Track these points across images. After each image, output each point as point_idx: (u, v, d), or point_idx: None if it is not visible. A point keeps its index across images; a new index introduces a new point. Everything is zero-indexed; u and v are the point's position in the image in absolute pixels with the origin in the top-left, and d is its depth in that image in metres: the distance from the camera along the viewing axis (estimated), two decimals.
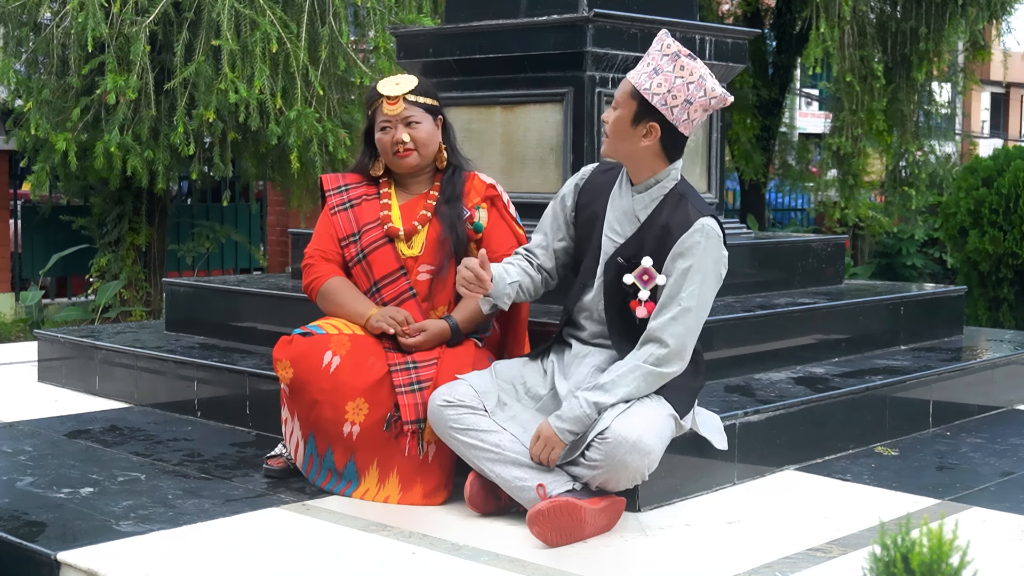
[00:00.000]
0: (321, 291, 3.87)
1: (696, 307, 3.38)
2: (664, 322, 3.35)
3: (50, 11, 8.11)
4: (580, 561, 3.12)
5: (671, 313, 3.36)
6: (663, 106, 3.38)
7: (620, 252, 3.49)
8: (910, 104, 11.79)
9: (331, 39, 8.04)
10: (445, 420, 3.47)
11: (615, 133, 3.44)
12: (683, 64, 3.38)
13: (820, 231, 15.52)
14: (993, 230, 7.97)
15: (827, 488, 3.85)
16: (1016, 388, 5.15)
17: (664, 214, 3.45)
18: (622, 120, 3.42)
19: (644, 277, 3.44)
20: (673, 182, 3.49)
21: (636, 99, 3.40)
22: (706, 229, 3.38)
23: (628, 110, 3.41)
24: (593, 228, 3.57)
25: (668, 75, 3.38)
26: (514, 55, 4.83)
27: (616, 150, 3.47)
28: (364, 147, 3.98)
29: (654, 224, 3.45)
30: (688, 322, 3.36)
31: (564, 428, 3.33)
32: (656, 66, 3.39)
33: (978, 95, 29.81)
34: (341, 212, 3.92)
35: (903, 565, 2.15)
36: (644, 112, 3.39)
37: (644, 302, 3.43)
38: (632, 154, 3.45)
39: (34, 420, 4.71)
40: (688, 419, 3.51)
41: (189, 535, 3.28)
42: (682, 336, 3.36)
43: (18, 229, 11.54)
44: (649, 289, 3.43)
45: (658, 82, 3.38)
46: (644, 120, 3.40)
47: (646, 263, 3.43)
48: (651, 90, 3.38)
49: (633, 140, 3.42)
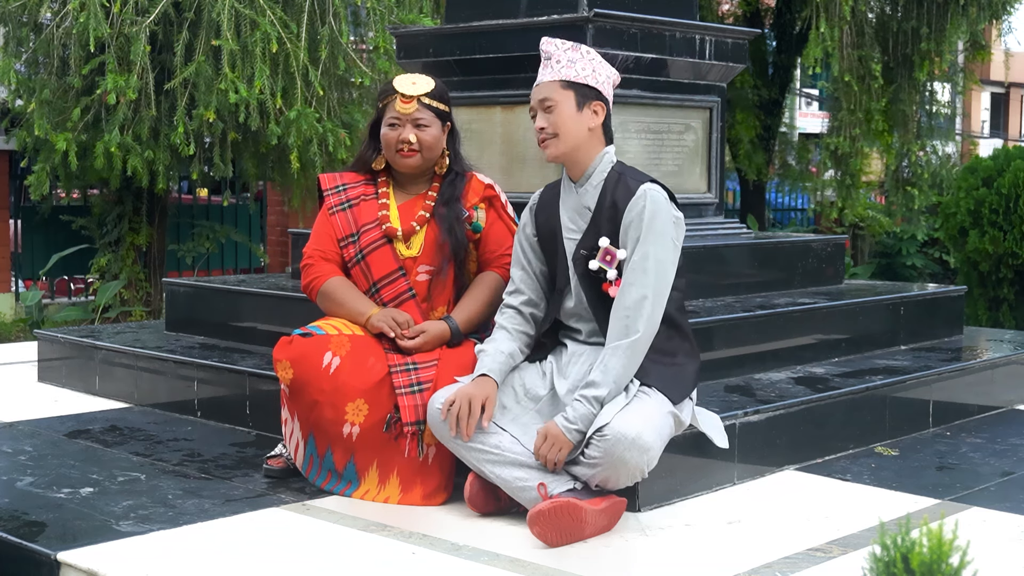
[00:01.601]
0: (321, 291, 3.86)
1: (654, 268, 3.41)
2: (624, 291, 3.42)
3: (50, 11, 8.11)
4: (580, 561, 3.12)
5: (629, 280, 3.42)
6: (597, 83, 3.55)
7: (581, 245, 3.55)
8: (912, 104, 11.79)
9: (331, 39, 8.04)
10: (443, 424, 3.47)
11: (565, 126, 3.52)
12: (586, 50, 3.60)
13: (820, 231, 15.52)
14: (993, 230, 7.97)
15: (827, 488, 3.85)
16: (1016, 388, 5.15)
17: (608, 195, 3.53)
18: (566, 112, 3.52)
19: (607, 257, 3.49)
20: (610, 164, 3.59)
21: (571, 88, 3.53)
22: (649, 193, 3.46)
23: (568, 101, 3.53)
24: (556, 239, 3.63)
25: (582, 60, 3.56)
26: (514, 55, 4.83)
27: (566, 144, 3.54)
28: (368, 140, 3.97)
29: (603, 207, 3.52)
30: (647, 283, 3.40)
31: (572, 428, 3.33)
32: (568, 59, 3.55)
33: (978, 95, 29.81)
34: (340, 212, 3.91)
35: (903, 565, 2.15)
36: (583, 96, 3.53)
37: (614, 281, 3.47)
38: (579, 144, 3.54)
39: (34, 420, 4.71)
40: (687, 412, 3.52)
41: (189, 535, 3.28)
42: (643, 301, 3.39)
43: (18, 229, 11.54)
44: (615, 267, 3.48)
45: (580, 67, 3.54)
46: (587, 102, 3.53)
47: (603, 243, 3.49)
48: (580, 75, 3.53)
49: (581, 125, 3.53)
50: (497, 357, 3.54)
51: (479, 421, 3.42)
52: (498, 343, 3.59)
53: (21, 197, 11.49)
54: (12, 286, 11.50)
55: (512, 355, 3.59)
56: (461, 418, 3.41)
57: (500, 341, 3.60)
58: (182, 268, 11.33)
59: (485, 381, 3.48)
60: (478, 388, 3.45)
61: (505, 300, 3.72)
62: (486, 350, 3.57)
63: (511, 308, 3.69)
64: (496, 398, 3.48)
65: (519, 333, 3.64)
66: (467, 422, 3.41)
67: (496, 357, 3.54)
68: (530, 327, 3.68)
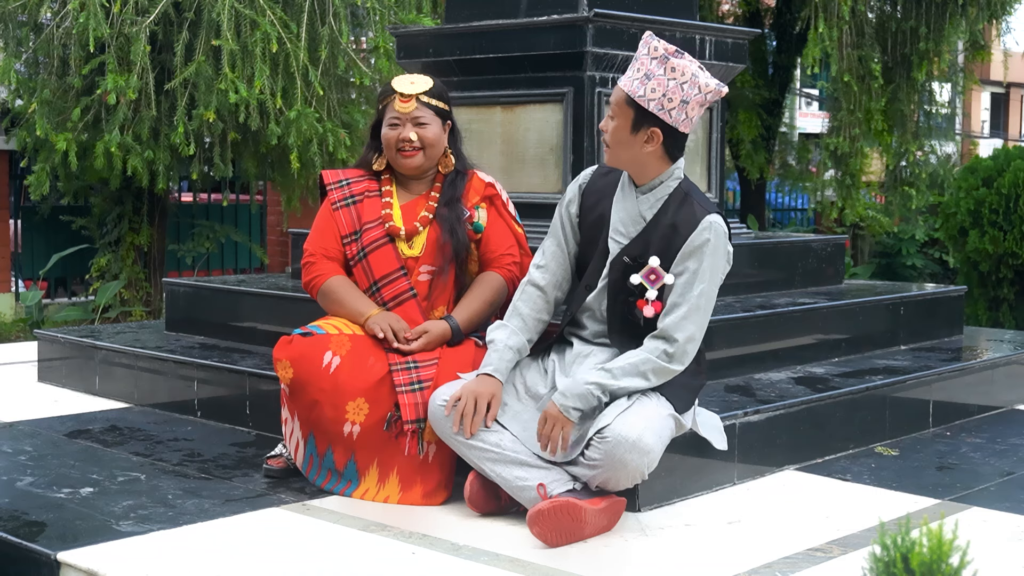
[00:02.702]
0: (322, 290, 3.86)
1: (705, 306, 3.40)
2: (676, 321, 3.36)
3: (50, 11, 8.11)
4: (580, 561, 3.12)
5: (682, 311, 3.37)
6: (660, 111, 3.36)
7: (626, 252, 3.48)
8: (910, 104, 11.79)
9: (331, 39, 8.04)
10: (445, 421, 3.47)
11: (615, 143, 3.43)
12: (674, 65, 3.36)
13: (820, 231, 15.52)
14: (993, 230, 7.97)
15: (827, 488, 3.85)
16: (1016, 388, 5.15)
17: (670, 213, 3.45)
18: (620, 129, 3.41)
19: (652, 277, 3.44)
20: (676, 181, 3.49)
21: (632, 107, 3.38)
22: (714, 227, 3.40)
23: (625, 119, 3.40)
24: (600, 231, 3.56)
25: (660, 79, 3.35)
26: (514, 55, 4.83)
27: (619, 158, 3.46)
28: (370, 140, 3.97)
29: (660, 223, 3.45)
30: (699, 321, 3.39)
31: (568, 405, 3.32)
32: (647, 71, 3.37)
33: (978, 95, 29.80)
34: (343, 208, 3.91)
35: (903, 565, 2.15)
36: (642, 119, 3.38)
37: (651, 301, 3.43)
38: (635, 160, 3.44)
39: (34, 420, 4.71)
40: (688, 419, 3.52)
41: (189, 535, 3.28)
42: (692, 335, 3.38)
43: (18, 229, 11.54)
44: (657, 288, 3.43)
45: (651, 87, 3.35)
46: (643, 127, 3.38)
47: (653, 263, 3.43)
48: (646, 96, 3.36)
49: (634, 147, 3.41)
50: (505, 355, 3.52)
51: (483, 420, 3.42)
52: (509, 335, 3.55)
53: (21, 197, 11.50)
54: (12, 286, 11.50)
55: (520, 351, 3.56)
56: (466, 415, 3.40)
57: (512, 333, 3.56)
58: (182, 268, 11.33)
59: (490, 380, 3.47)
60: (484, 386, 3.44)
61: (530, 275, 3.64)
62: (496, 341, 3.54)
63: (535, 288, 3.62)
64: (501, 397, 3.48)
65: (535, 321, 3.60)
66: (471, 419, 3.40)
67: (504, 355, 3.52)
68: (547, 312, 3.63)
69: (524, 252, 3.95)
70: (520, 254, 3.94)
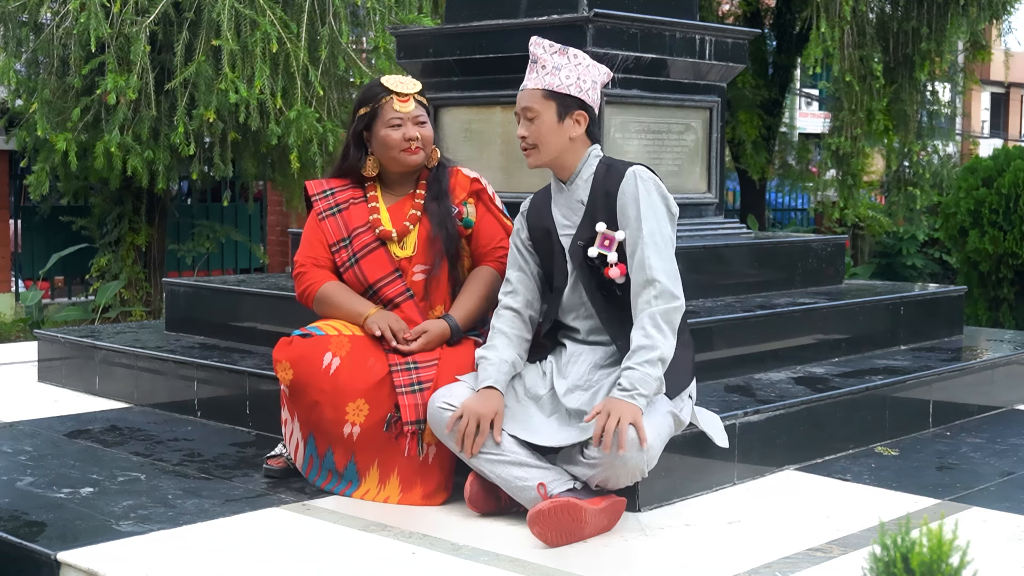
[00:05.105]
0: (317, 297, 3.86)
1: (662, 243, 3.44)
2: (642, 264, 3.41)
3: (50, 11, 8.12)
4: (580, 561, 3.12)
5: (641, 255, 3.42)
6: (580, 92, 3.55)
7: (577, 236, 3.57)
8: (912, 104, 11.80)
9: (331, 39, 8.04)
10: (445, 422, 3.47)
11: (545, 139, 3.54)
12: (573, 54, 3.58)
13: (820, 231, 15.52)
14: (993, 230, 7.97)
15: (827, 488, 3.85)
16: (1016, 388, 5.15)
17: (600, 185, 3.55)
18: (548, 124, 3.54)
19: (605, 242, 3.50)
20: (597, 159, 3.61)
21: (552, 99, 3.54)
22: (638, 173, 3.50)
23: (549, 112, 3.54)
24: (550, 238, 3.64)
25: (568, 68, 3.55)
26: (514, 55, 4.82)
27: (548, 154, 3.57)
28: (354, 148, 3.91)
29: (596, 198, 3.55)
30: (663, 254, 3.43)
31: (635, 393, 3.25)
32: (553, 64, 3.55)
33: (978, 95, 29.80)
34: (329, 217, 3.90)
35: (903, 565, 2.15)
36: (565, 107, 3.54)
37: (616, 264, 3.49)
38: (563, 150, 3.56)
39: (34, 420, 4.71)
40: (687, 411, 3.52)
41: (189, 535, 3.28)
42: (664, 267, 3.41)
43: (18, 229, 11.54)
44: (615, 250, 3.49)
45: (564, 75, 3.54)
46: (568, 112, 3.54)
47: (600, 228, 3.51)
48: (563, 84, 3.53)
49: (562, 136, 3.55)
50: (502, 367, 3.52)
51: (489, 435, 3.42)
52: (500, 351, 3.56)
53: (21, 197, 11.50)
54: (12, 286, 11.50)
55: (514, 364, 3.58)
56: (468, 435, 3.41)
57: (501, 349, 3.57)
58: (182, 268, 11.33)
59: (492, 394, 3.46)
60: (486, 404, 3.43)
61: (503, 301, 3.70)
62: (488, 358, 3.54)
63: (510, 310, 3.67)
64: (503, 412, 3.47)
65: (519, 339, 3.63)
66: (473, 440, 3.41)
67: (501, 367, 3.52)
68: (527, 331, 3.67)
69: None
70: None
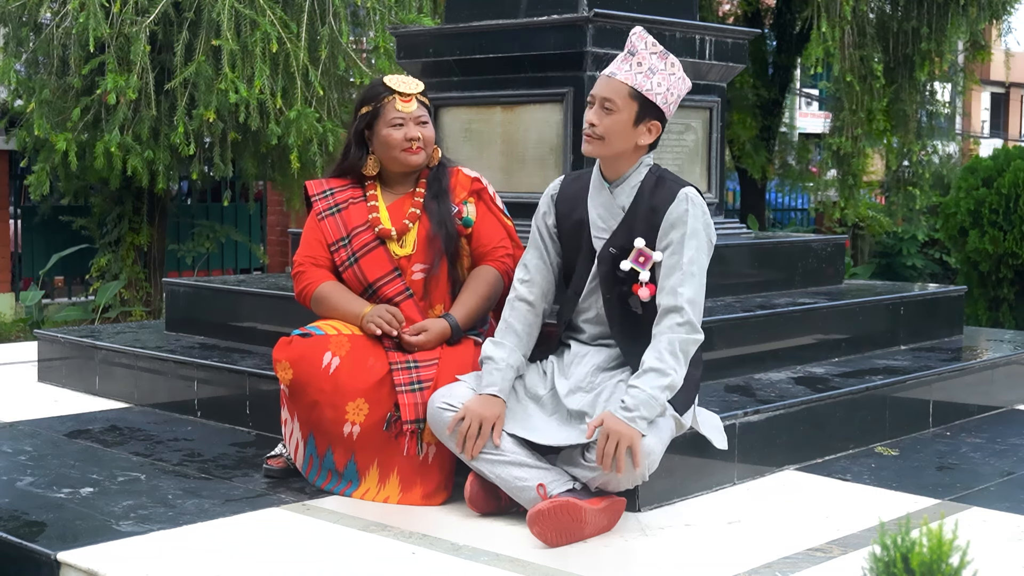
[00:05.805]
0: (314, 296, 3.86)
1: (698, 273, 3.40)
2: (673, 290, 3.36)
3: (50, 11, 8.12)
4: (580, 561, 3.12)
5: (675, 280, 3.37)
6: (664, 104, 3.44)
7: (611, 243, 3.50)
8: (912, 104, 11.80)
9: (331, 39, 8.04)
10: (445, 423, 3.47)
11: (615, 135, 3.43)
12: (672, 61, 3.45)
13: (820, 231, 15.52)
14: (993, 230, 7.97)
15: (827, 488, 3.85)
16: (1016, 388, 5.15)
17: (646, 196, 3.47)
18: (623, 122, 3.42)
19: (640, 259, 3.45)
20: (647, 168, 3.53)
21: (637, 100, 3.42)
22: (690, 197, 3.43)
23: (629, 112, 3.42)
24: (580, 234, 3.58)
25: (663, 74, 3.43)
26: (514, 55, 4.83)
27: (609, 151, 3.46)
28: (355, 147, 3.91)
29: (639, 209, 3.47)
30: (694, 285, 3.38)
31: (636, 416, 3.24)
32: (650, 65, 3.43)
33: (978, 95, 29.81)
34: (328, 217, 3.90)
35: (903, 565, 2.15)
36: (645, 112, 3.43)
37: (645, 283, 3.44)
38: (625, 152, 3.47)
39: (34, 420, 4.71)
40: (688, 416, 3.52)
41: (189, 535, 3.28)
42: (692, 297, 3.37)
43: (18, 229, 11.54)
44: (648, 269, 3.44)
45: (657, 81, 3.42)
46: (645, 120, 3.43)
47: (639, 244, 3.45)
48: (654, 91, 3.42)
49: (631, 139, 3.45)
50: (507, 373, 3.50)
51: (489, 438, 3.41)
52: (507, 353, 3.53)
53: (21, 197, 11.50)
54: (12, 286, 11.50)
55: (519, 368, 3.56)
56: (469, 438, 3.40)
57: (509, 351, 3.54)
58: (182, 268, 11.33)
59: (494, 401, 3.45)
60: (488, 409, 3.42)
61: (517, 291, 3.63)
62: (495, 360, 3.51)
63: (524, 303, 3.61)
64: (504, 418, 3.46)
65: (529, 338, 3.60)
66: (474, 442, 3.40)
67: (506, 373, 3.50)
68: (538, 325, 3.63)
69: (516, 244, 3.95)
70: (512, 246, 3.94)
